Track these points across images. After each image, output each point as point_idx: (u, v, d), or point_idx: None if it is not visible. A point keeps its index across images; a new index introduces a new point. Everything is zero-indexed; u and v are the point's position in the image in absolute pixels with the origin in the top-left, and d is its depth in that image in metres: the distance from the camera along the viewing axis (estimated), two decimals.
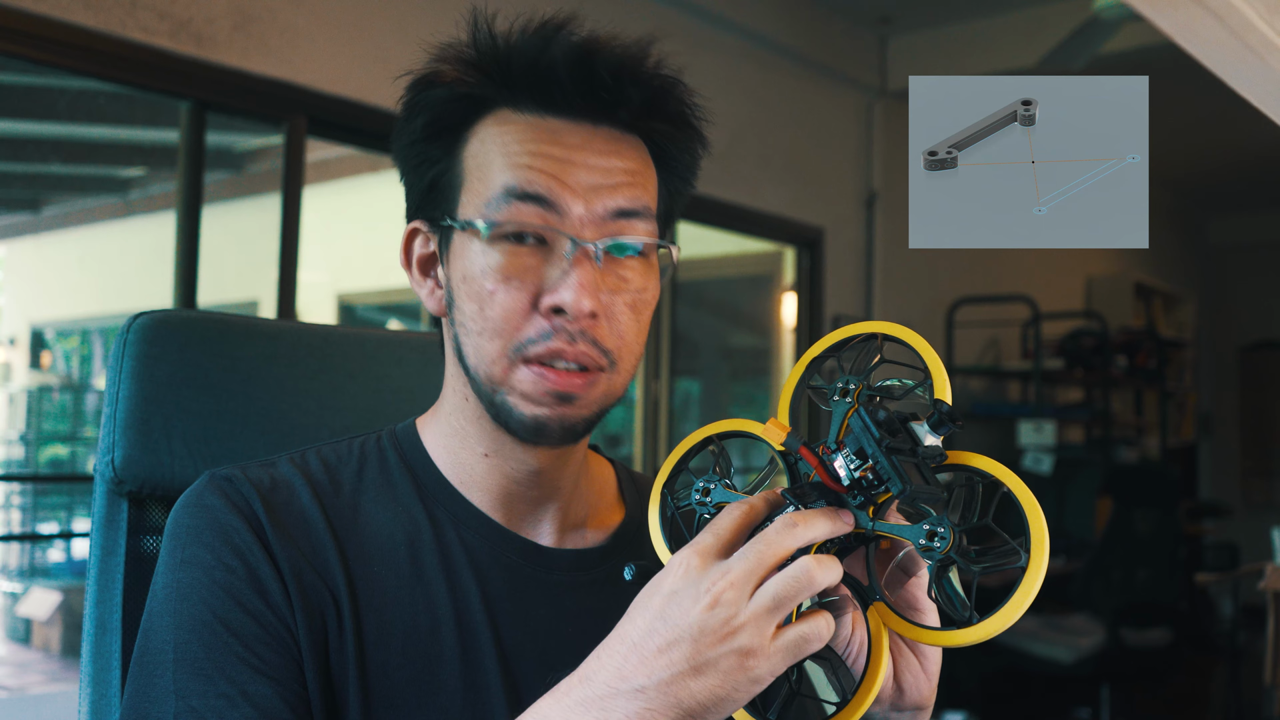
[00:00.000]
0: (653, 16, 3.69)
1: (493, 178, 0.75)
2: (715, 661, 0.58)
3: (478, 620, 0.77)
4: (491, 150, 0.75)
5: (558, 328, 0.73)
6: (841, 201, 4.62)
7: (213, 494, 0.75)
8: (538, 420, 0.74)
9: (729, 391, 5.51)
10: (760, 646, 0.59)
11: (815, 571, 0.60)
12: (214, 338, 0.90)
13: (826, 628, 0.61)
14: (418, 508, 0.80)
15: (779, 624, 0.60)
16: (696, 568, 0.61)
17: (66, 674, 4.37)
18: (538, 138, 0.75)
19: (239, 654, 0.70)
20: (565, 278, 0.72)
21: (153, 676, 0.70)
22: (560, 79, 0.74)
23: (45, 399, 5.76)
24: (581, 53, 0.74)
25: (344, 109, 2.79)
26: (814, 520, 0.62)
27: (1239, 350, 8.04)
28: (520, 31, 0.76)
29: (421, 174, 0.79)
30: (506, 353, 0.74)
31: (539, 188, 0.73)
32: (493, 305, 0.74)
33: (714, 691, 0.59)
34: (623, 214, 0.75)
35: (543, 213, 0.73)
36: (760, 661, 0.59)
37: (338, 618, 0.74)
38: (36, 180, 4.93)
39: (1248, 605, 5.21)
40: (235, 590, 0.71)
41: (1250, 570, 3.52)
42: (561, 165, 0.74)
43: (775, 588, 0.59)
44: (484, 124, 0.77)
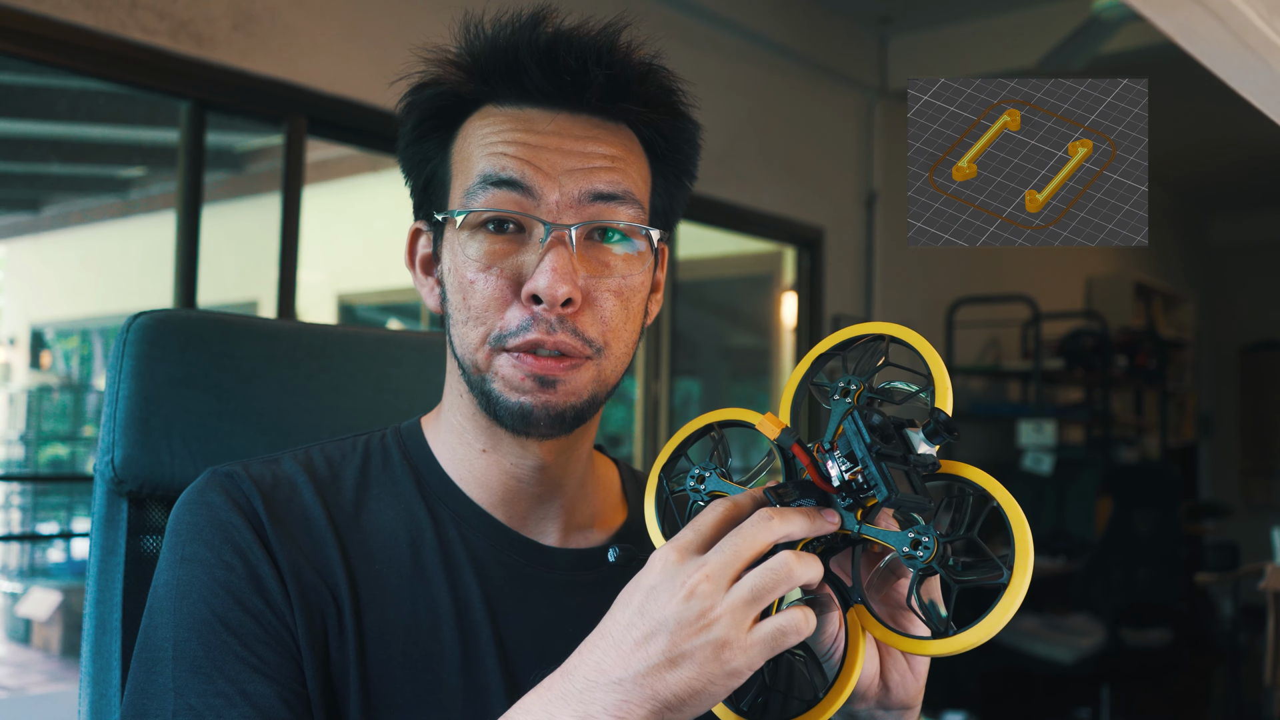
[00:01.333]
0: (653, 16, 3.69)
1: (471, 168, 0.76)
2: (691, 653, 0.59)
3: (478, 619, 0.77)
4: (472, 143, 0.77)
5: (538, 317, 0.72)
6: (841, 201, 4.62)
7: (214, 491, 0.75)
8: (523, 407, 0.74)
9: (729, 391, 5.51)
10: (736, 639, 0.59)
11: (794, 566, 0.60)
12: (214, 337, 0.90)
13: (805, 622, 0.60)
14: (420, 506, 0.80)
15: (756, 617, 0.60)
16: (674, 562, 0.61)
17: (66, 674, 4.37)
18: (514, 127, 0.75)
19: (238, 653, 0.70)
20: (541, 264, 0.72)
21: (152, 674, 0.70)
22: (528, 67, 0.75)
23: (45, 399, 5.76)
24: (548, 42, 0.75)
25: (344, 109, 2.79)
26: (791, 516, 0.62)
27: (1239, 350, 8.04)
28: (496, 26, 0.77)
29: (418, 174, 0.81)
30: (487, 340, 0.74)
31: (512, 172, 0.73)
32: (473, 294, 0.74)
33: (690, 684, 0.59)
34: (601, 197, 0.74)
35: (518, 199, 0.73)
36: (736, 654, 0.59)
37: (338, 616, 0.74)
38: (36, 180, 4.93)
39: (1248, 605, 5.21)
40: (234, 588, 0.71)
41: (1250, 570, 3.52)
42: (535, 151, 0.74)
43: (753, 580, 0.60)
44: (470, 121, 0.78)
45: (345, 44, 2.81)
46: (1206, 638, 6.09)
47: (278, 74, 2.66)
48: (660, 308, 0.84)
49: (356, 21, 2.85)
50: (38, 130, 4.00)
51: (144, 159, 4.55)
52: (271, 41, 2.66)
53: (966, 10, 4.40)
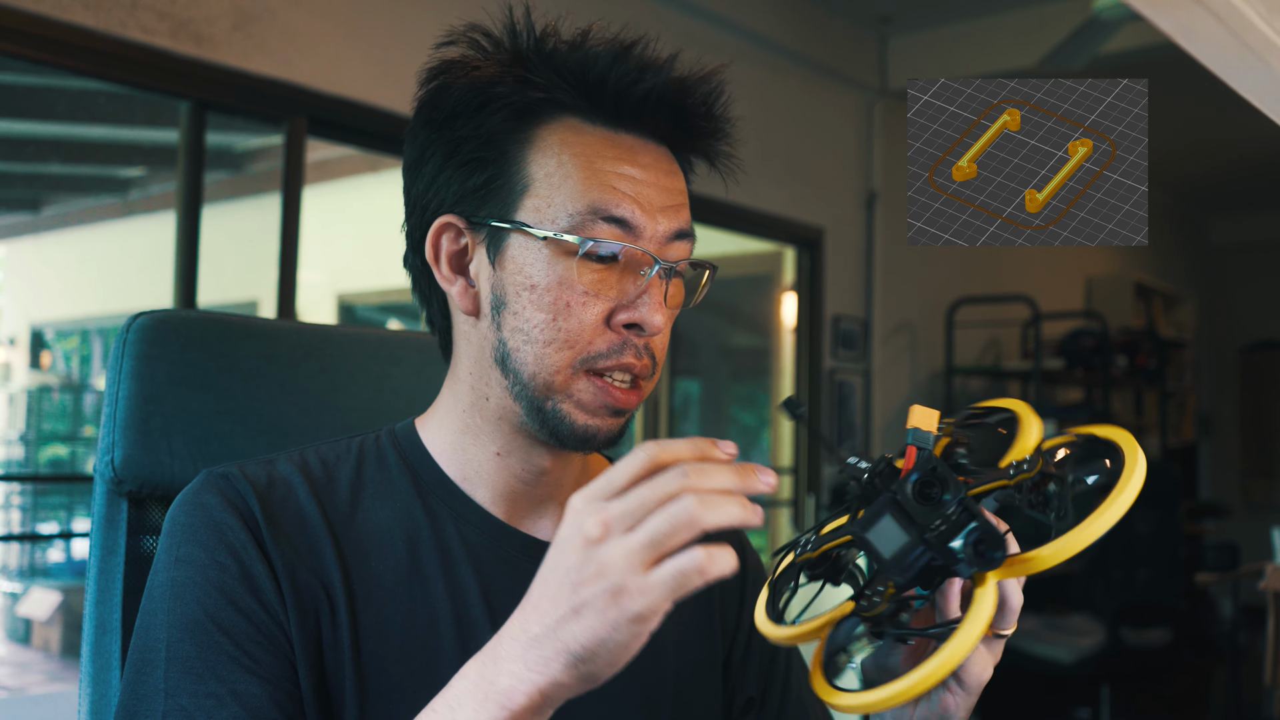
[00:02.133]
0: (653, 16, 3.69)
1: (573, 191, 0.75)
2: (591, 601, 0.57)
3: (476, 615, 0.77)
4: (568, 162, 0.76)
5: (628, 343, 0.76)
6: (841, 201, 4.63)
7: (209, 492, 0.75)
8: (589, 429, 0.77)
9: (729, 391, 5.51)
10: (630, 583, 0.56)
11: (696, 510, 0.56)
12: (214, 338, 0.90)
13: (708, 560, 0.56)
14: (416, 504, 0.80)
15: (653, 561, 0.57)
16: (577, 510, 0.60)
17: (66, 674, 4.37)
18: (619, 156, 0.76)
19: (230, 653, 0.70)
20: (644, 296, 0.76)
21: (144, 674, 0.70)
22: (654, 106, 0.77)
23: (45, 399, 5.76)
24: (680, 87, 0.77)
25: (344, 109, 2.79)
26: (710, 470, 0.58)
27: (1239, 350, 8.04)
28: (606, 49, 0.76)
29: (470, 172, 0.78)
30: (573, 363, 0.75)
31: (625, 211, 0.75)
32: (569, 318, 0.75)
33: (594, 632, 0.57)
34: (681, 235, 0.79)
35: (622, 232, 0.75)
36: (635, 598, 0.56)
37: (332, 615, 0.74)
38: (36, 180, 4.93)
39: (1248, 605, 5.21)
40: (228, 589, 0.71)
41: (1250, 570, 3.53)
42: (638, 186, 0.76)
43: (651, 523, 0.57)
44: (550, 130, 0.77)
45: (345, 44, 2.81)
46: (1206, 638, 6.09)
47: (278, 74, 2.66)
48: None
49: (356, 21, 2.85)
50: (38, 130, 4.01)
51: (144, 159, 4.55)
52: (271, 41, 2.66)
53: (966, 10, 4.40)
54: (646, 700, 0.82)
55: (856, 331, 4.63)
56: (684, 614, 0.86)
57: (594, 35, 0.77)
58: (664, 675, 0.84)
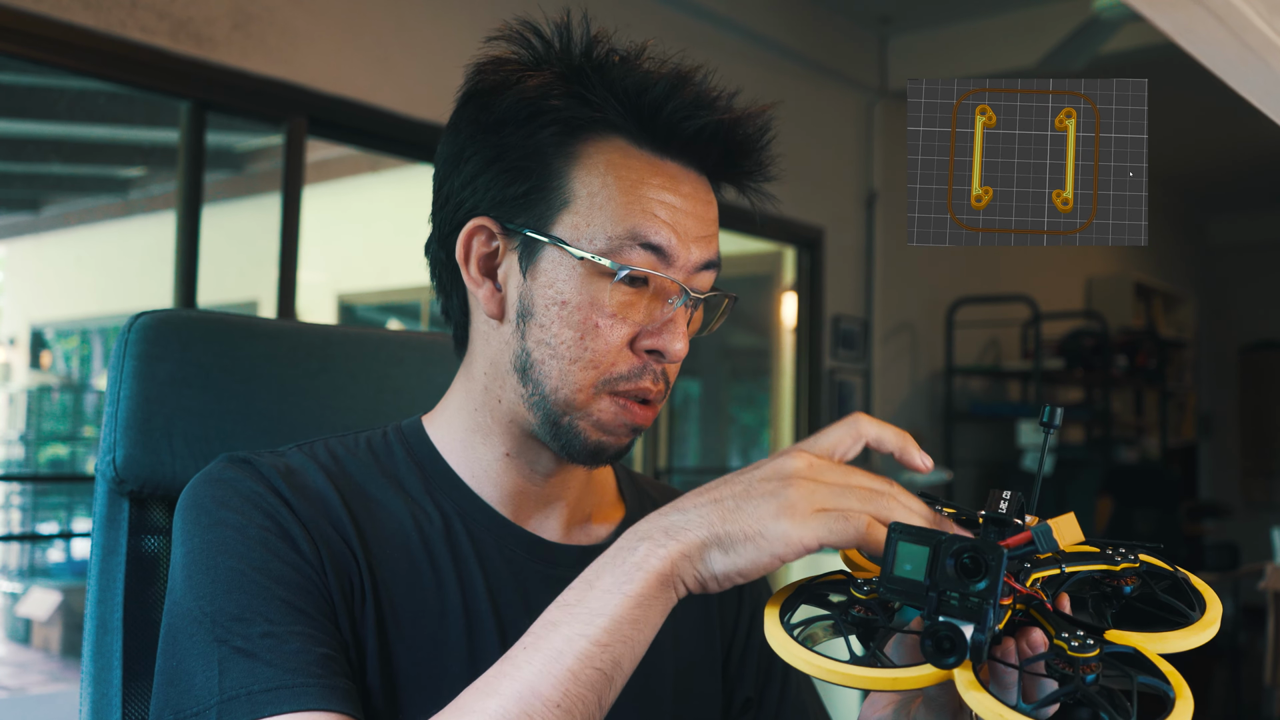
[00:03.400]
0: (653, 16, 3.69)
1: (614, 214, 0.75)
2: (762, 496, 0.61)
3: (483, 610, 0.78)
4: (611, 184, 0.76)
5: (648, 367, 0.77)
6: (841, 201, 4.63)
7: (232, 469, 0.75)
8: (601, 445, 0.78)
9: (729, 391, 5.52)
10: (800, 505, 0.60)
11: (894, 497, 0.62)
12: (214, 337, 0.91)
13: (869, 529, 0.60)
14: (426, 499, 0.80)
15: (823, 509, 0.61)
16: (790, 448, 0.65)
17: (66, 674, 4.37)
18: (662, 184, 0.77)
19: (281, 597, 0.69)
20: (671, 325, 0.77)
21: (188, 634, 0.68)
22: (705, 141, 0.77)
23: (45, 399, 5.76)
24: (732, 125, 0.78)
25: (344, 109, 2.79)
26: (914, 504, 0.63)
27: (1239, 350, 8.05)
28: (664, 76, 0.76)
29: (511, 179, 0.77)
30: (596, 383, 0.76)
31: (662, 240, 0.76)
32: (596, 338, 0.76)
33: (746, 524, 0.61)
34: (710, 265, 0.80)
35: (656, 259, 0.76)
36: (794, 519, 0.60)
37: (360, 590, 0.74)
38: (36, 180, 4.93)
39: (1248, 605, 5.21)
40: (271, 545, 0.71)
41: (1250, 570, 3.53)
42: (677, 214, 0.77)
43: (852, 479, 0.63)
44: (597, 149, 0.76)
45: (345, 44, 2.82)
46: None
47: (277, 74, 2.66)
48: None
49: (356, 21, 2.85)
50: (38, 130, 4.01)
51: (144, 159, 4.55)
52: (271, 41, 2.66)
53: (966, 10, 4.40)
54: (646, 699, 0.83)
55: (856, 331, 4.63)
56: (684, 614, 0.87)
57: (648, 53, 0.77)
58: (664, 674, 0.85)
